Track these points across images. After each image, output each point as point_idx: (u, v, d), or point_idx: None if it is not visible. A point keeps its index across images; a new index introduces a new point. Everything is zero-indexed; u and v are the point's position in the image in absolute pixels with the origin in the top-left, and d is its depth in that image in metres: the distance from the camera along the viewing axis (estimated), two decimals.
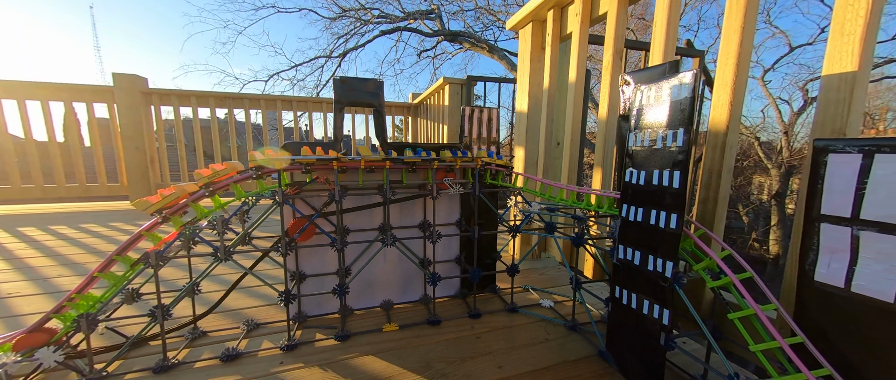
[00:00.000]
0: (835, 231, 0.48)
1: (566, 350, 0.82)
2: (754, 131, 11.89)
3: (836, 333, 0.49)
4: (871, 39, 0.50)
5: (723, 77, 0.69)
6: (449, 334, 0.89)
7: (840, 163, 0.47)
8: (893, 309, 0.44)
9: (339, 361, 0.78)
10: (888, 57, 10.06)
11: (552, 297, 1.11)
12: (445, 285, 1.10)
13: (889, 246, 0.44)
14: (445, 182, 0.95)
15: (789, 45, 10.88)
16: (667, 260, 0.63)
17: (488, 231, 1.05)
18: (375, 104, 0.96)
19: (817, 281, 0.51)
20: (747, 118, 12.98)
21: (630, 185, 0.71)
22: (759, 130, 12.53)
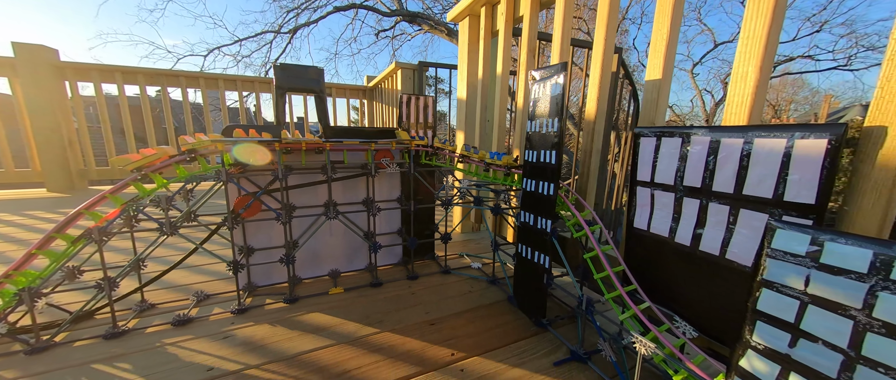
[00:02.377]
0: (642, 192, 0.70)
1: (484, 298, 1.01)
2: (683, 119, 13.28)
3: (644, 261, 0.71)
4: (671, 55, 0.70)
5: (593, 77, 0.88)
6: (389, 293, 1.04)
7: (645, 144, 0.68)
8: (668, 240, 0.66)
9: (287, 318, 0.89)
10: (789, 55, 11.62)
11: (482, 260, 1.30)
12: (389, 254, 1.23)
13: (667, 200, 0.65)
14: (383, 162, 1.07)
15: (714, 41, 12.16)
16: (547, 219, 0.82)
17: (424, 205, 1.19)
18: (317, 90, 1.04)
19: (634, 227, 0.72)
20: (679, 107, 14.40)
21: (527, 162, 0.89)
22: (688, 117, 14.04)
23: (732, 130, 0.55)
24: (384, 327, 0.85)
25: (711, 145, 0.57)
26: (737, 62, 0.57)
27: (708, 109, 12.38)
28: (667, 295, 0.68)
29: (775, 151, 0.50)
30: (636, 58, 11.82)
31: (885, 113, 0.43)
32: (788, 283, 0.41)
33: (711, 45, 11.53)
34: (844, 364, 0.36)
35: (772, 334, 0.42)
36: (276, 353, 0.75)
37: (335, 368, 0.71)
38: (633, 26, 11.67)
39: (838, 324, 0.37)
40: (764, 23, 0.53)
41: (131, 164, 0.76)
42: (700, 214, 0.60)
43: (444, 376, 0.69)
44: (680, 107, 12.65)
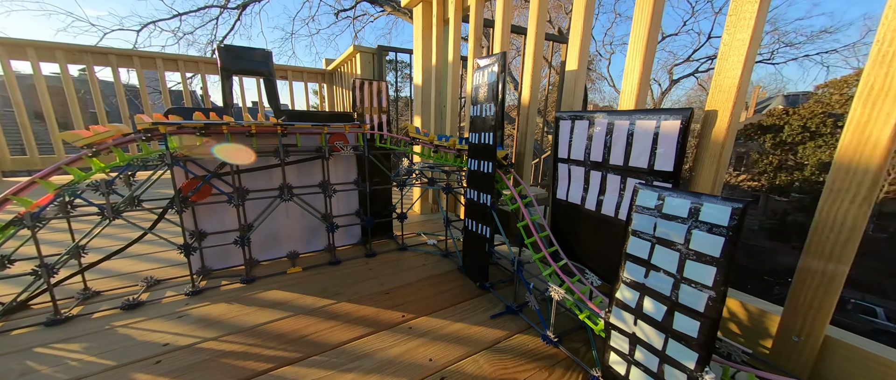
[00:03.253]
0: (562, 167, 0.82)
1: (436, 269, 1.11)
2: None
3: (564, 226, 0.84)
4: (585, 50, 0.82)
5: (527, 65, 0.98)
6: (346, 270, 1.10)
7: (563, 126, 0.79)
8: (580, 207, 0.78)
9: (244, 296, 0.92)
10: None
11: (437, 237, 1.40)
12: (347, 235, 1.29)
13: (579, 173, 0.78)
14: (337, 145, 1.10)
15: (661, 33, 13.09)
16: (488, 194, 0.92)
17: (381, 186, 1.25)
18: (265, 73, 1.04)
19: (556, 197, 0.85)
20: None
21: (471, 144, 0.98)
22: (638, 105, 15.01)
23: (622, 114, 0.67)
24: (341, 299, 0.92)
25: (609, 127, 0.70)
26: (627, 59, 0.69)
27: (655, 98, 13.38)
28: (580, 252, 0.82)
29: (649, 131, 0.62)
30: (594, 47, 12.40)
31: (716, 101, 0.57)
32: (644, 229, 0.53)
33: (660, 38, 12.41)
34: (674, 285, 0.50)
35: (634, 270, 0.55)
36: (233, 326, 0.79)
37: (293, 334, 0.77)
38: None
39: (671, 256, 0.50)
40: (645, 28, 0.65)
41: (82, 139, 0.73)
42: (602, 183, 0.73)
43: (393, 333, 0.78)
44: None
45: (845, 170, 0.45)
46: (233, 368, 0.66)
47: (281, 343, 0.73)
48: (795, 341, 0.52)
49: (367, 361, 0.69)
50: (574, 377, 0.65)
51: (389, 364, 0.68)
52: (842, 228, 0.46)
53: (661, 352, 0.52)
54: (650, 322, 0.53)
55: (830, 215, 0.47)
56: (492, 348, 0.73)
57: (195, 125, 0.88)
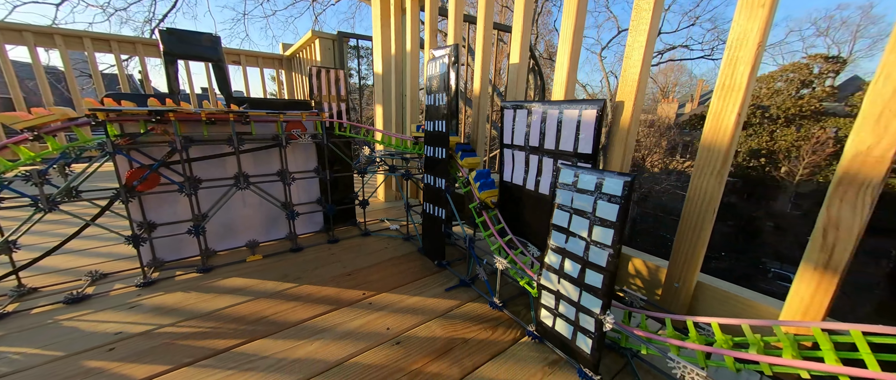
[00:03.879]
0: (507, 152, 0.90)
1: (397, 252, 1.17)
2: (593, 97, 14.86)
3: (510, 205, 0.94)
4: (526, 44, 0.90)
5: (477, 56, 1.05)
6: (308, 256, 1.13)
7: (507, 115, 0.87)
8: (522, 187, 0.88)
9: (201, 284, 0.92)
10: (671, 44, 13.68)
11: (400, 223, 1.45)
12: (309, 222, 1.30)
13: (520, 157, 0.86)
14: (294, 133, 1.11)
15: (618, 27, 13.73)
16: (442, 178, 0.99)
17: (342, 174, 1.28)
18: (214, 59, 1.01)
19: (503, 180, 0.94)
20: (591, 87, 16.09)
21: (427, 132, 1.04)
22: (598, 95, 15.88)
23: (553, 104, 0.76)
24: (302, 282, 0.95)
25: (542, 115, 0.79)
26: (557, 53, 0.78)
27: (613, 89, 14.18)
28: (523, 228, 0.92)
29: (573, 119, 0.72)
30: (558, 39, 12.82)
31: (623, 93, 0.67)
32: (565, 202, 0.63)
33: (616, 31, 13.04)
34: (585, 247, 0.60)
35: (558, 237, 0.65)
36: (190, 312, 0.80)
37: (252, 316, 0.79)
38: (556, 8, 12.50)
39: (583, 223, 0.60)
40: (571, 25, 0.73)
41: (22, 122, 0.69)
42: (539, 166, 0.83)
43: (354, 309, 0.83)
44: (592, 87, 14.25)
45: (707, 150, 0.57)
46: (192, 348, 0.68)
47: (241, 325, 0.76)
48: (676, 287, 0.65)
49: (328, 333, 0.74)
50: (513, 333, 0.75)
51: (349, 334, 0.73)
52: (704, 197, 0.58)
53: (577, 303, 0.62)
54: (569, 279, 0.63)
55: (697, 188, 0.59)
56: (444, 316, 0.81)
57: (138, 113, 0.84)
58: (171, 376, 0.62)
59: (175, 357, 0.66)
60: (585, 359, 0.62)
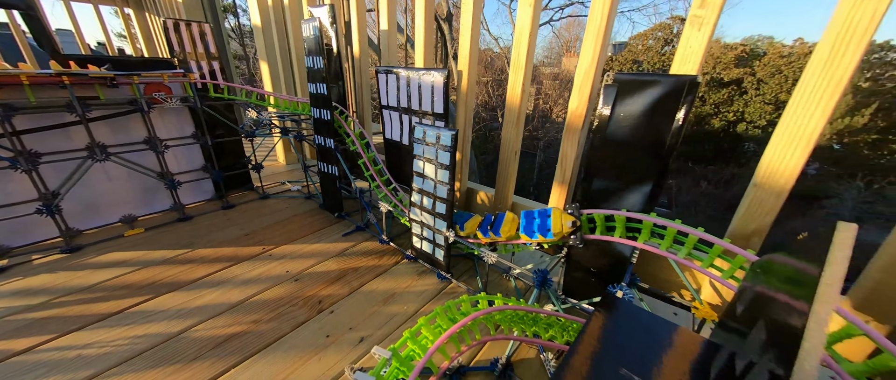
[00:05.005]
0: (385, 112, 1.03)
1: (299, 210, 1.25)
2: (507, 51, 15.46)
3: (392, 158, 1.10)
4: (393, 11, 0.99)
5: (353, 22, 1.10)
6: (200, 223, 1.13)
7: (381, 79, 0.99)
8: (399, 142, 1.04)
9: (71, 264, 0.88)
10: (570, 1, 14.60)
11: (302, 184, 1.50)
12: (198, 191, 1.26)
13: (395, 116, 1.01)
14: (158, 97, 1.02)
15: None
16: (331, 138, 1.08)
17: (227, 139, 1.24)
18: (21, 6, 0.84)
19: (385, 138, 1.08)
20: (502, 39, 16.50)
21: (311, 93, 1.09)
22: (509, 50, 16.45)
23: (415, 70, 0.90)
24: (196, 247, 0.98)
25: (408, 80, 0.93)
26: (415, 26, 0.91)
27: None
28: (403, 177, 1.10)
29: (428, 83, 0.88)
30: None
31: (462, 64, 0.85)
32: (419, 153, 0.81)
33: None
34: (433, 186, 0.80)
35: (418, 180, 0.83)
36: (65, 289, 0.79)
37: (144, 282, 0.82)
38: None
39: (431, 168, 0.79)
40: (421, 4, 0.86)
41: None
42: (409, 124, 0.99)
43: (253, 262, 0.92)
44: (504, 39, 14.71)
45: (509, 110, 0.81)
46: (78, 317, 0.70)
47: (132, 291, 0.79)
48: (499, 207, 0.93)
49: (229, 283, 0.83)
50: (396, 259, 0.96)
51: (250, 281, 0.84)
52: (509, 143, 0.84)
53: (432, 227, 0.84)
54: (426, 211, 0.84)
55: (505, 136, 0.84)
56: (340, 255, 0.97)
57: None
58: (59, 342, 0.65)
59: (59, 326, 0.68)
60: (441, 265, 0.87)
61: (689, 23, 0.51)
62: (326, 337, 0.68)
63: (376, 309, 0.76)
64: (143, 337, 0.66)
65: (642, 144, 0.59)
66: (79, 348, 0.63)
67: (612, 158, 0.63)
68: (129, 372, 0.59)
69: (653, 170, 0.59)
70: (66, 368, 0.59)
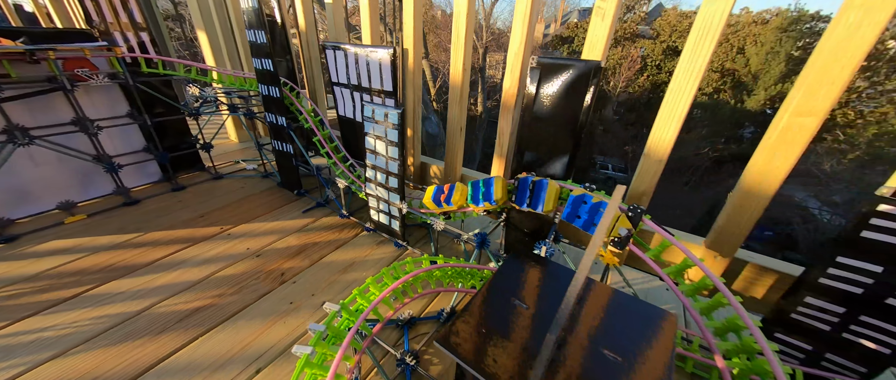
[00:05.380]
0: (336, 90, 1.04)
1: (256, 189, 1.25)
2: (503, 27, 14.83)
3: (347, 135, 1.12)
4: None
5: None
6: (149, 206, 1.10)
7: (329, 55, 0.98)
8: (352, 119, 1.06)
9: (9, 254, 0.85)
10: None
11: (258, 162, 1.47)
12: (142, 173, 1.20)
13: (346, 93, 1.02)
14: (81, 73, 0.95)
15: None
16: (281, 116, 1.07)
17: (168, 117, 1.18)
18: None
19: (339, 114, 1.09)
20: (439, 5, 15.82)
21: (257, 69, 1.05)
22: None
23: (364, 47, 0.91)
24: (147, 231, 0.97)
25: (356, 57, 0.93)
26: (360, 3, 0.90)
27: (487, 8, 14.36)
28: (359, 153, 1.13)
29: (377, 60, 0.89)
30: None
31: (406, 43, 0.88)
32: (369, 130, 0.85)
33: None
34: (385, 161, 0.85)
35: (370, 157, 0.88)
36: (8, 279, 0.77)
37: (95, 267, 0.82)
38: None
39: (383, 145, 0.84)
40: None
41: None
42: (361, 101, 1.01)
43: (211, 241, 0.94)
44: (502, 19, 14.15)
45: (452, 88, 0.86)
46: (28, 305, 0.70)
47: (82, 277, 0.79)
48: (450, 178, 1.01)
49: (187, 263, 0.85)
50: (355, 231, 1.02)
51: (209, 260, 0.87)
52: (454, 119, 0.90)
53: (386, 200, 0.91)
54: (380, 185, 0.90)
55: (450, 114, 0.90)
56: (301, 230, 1.01)
57: None
58: (13, 328, 0.65)
59: (9, 315, 0.68)
60: (397, 234, 0.95)
61: (594, 13, 0.58)
62: (290, 304, 0.74)
63: (336, 277, 0.83)
64: (104, 318, 0.69)
65: (561, 121, 0.68)
66: (35, 332, 0.64)
67: (539, 134, 0.72)
68: (95, 348, 0.62)
69: (570, 144, 0.69)
70: (24, 351, 0.61)
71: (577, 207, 0.60)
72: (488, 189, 0.78)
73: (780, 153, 0.53)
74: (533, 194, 0.64)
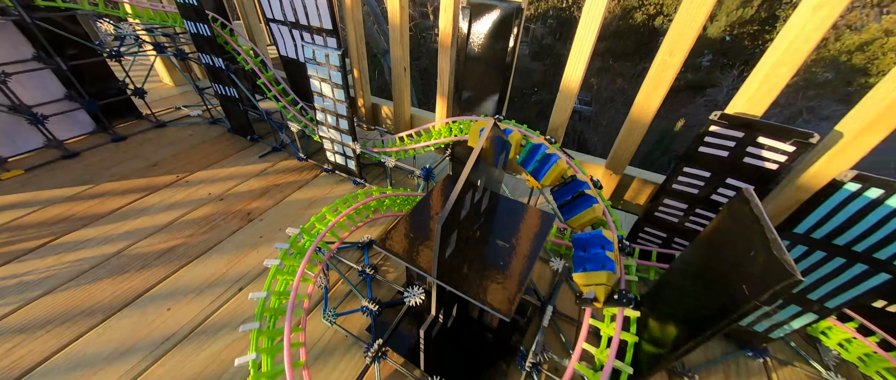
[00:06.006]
0: (273, 26, 0.99)
1: (206, 136, 1.23)
2: None
3: (293, 76, 1.10)
4: None
5: None
6: (93, 158, 1.07)
7: None
8: (295, 60, 1.04)
9: None
10: None
11: (202, 108, 1.40)
12: (73, 124, 1.13)
13: (285, 31, 0.98)
14: None
15: None
16: (217, 57, 1.02)
17: (85, 60, 1.07)
18: None
19: (280, 54, 1.06)
20: None
21: (179, 4, 0.96)
22: None
23: None
24: (100, 181, 0.97)
25: None
26: None
27: None
28: (309, 95, 1.13)
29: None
30: None
31: None
32: (313, 72, 0.86)
33: None
34: (332, 104, 0.89)
35: (318, 100, 0.91)
36: None
37: (52, 220, 0.84)
38: None
39: (328, 87, 0.86)
40: None
41: None
42: (301, 39, 0.98)
43: (171, 189, 0.97)
44: None
45: (392, 27, 0.87)
46: None
47: (41, 229, 0.82)
48: (399, 118, 1.07)
49: (150, 210, 0.89)
50: (315, 172, 1.09)
51: (172, 206, 0.91)
52: (398, 60, 0.93)
53: (339, 142, 0.96)
54: (331, 127, 0.94)
55: (393, 54, 0.92)
56: (260, 175, 1.06)
57: None
58: None
59: None
60: (354, 173, 1.03)
61: None
62: (260, 237, 0.84)
63: (301, 213, 0.92)
64: (80, 261, 0.75)
65: (491, 60, 0.74)
66: (15, 277, 0.70)
67: (472, 73, 0.78)
68: (82, 284, 0.69)
69: (498, 82, 0.77)
70: (12, 292, 0.67)
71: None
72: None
73: (657, 89, 0.65)
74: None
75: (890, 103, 0.53)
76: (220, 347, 0.60)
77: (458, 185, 0.36)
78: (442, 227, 0.34)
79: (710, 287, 0.39)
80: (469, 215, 0.44)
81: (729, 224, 0.39)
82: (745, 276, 0.33)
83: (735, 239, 0.37)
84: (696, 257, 0.45)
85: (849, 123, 0.58)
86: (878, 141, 0.56)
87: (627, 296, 0.49)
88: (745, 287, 0.32)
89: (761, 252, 0.31)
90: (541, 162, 0.65)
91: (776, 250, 0.30)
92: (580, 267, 0.52)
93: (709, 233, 0.43)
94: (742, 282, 0.33)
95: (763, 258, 0.31)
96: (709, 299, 0.38)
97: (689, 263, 0.47)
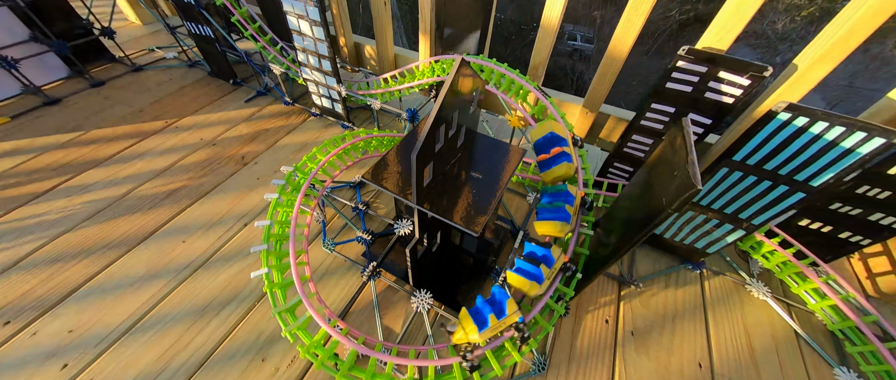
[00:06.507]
0: None
1: (186, 80, 1.20)
2: None
3: (273, 14, 1.05)
4: None
5: None
6: (75, 104, 1.06)
7: None
8: None
9: None
10: None
11: (178, 49, 1.34)
12: (46, 69, 1.09)
13: None
14: None
15: None
16: (204, 25, 0.96)
17: None
18: None
19: None
20: None
21: None
22: None
23: None
24: (89, 128, 0.98)
25: None
26: None
27: None
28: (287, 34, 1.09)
29: None
30: None
31: None
32: (289, 9, 0.83)
33: None
34: (314, 43, 0.87)
35: (297, 40, 0.88)
36: None
37: (52, 166, 0.88)
38: None
39: (304, 22, 0.84)
40: None
41: None
42: None
43: (162, 135, 0.99)
44: None
45: None
46: (7, 199, 0.79)
47: (45, 174, 0.85)
48: (383, 59, 1.05)
49: (147, 155, 0.93)
50: (303, 117, 1.10)
51: (167, 151, 0.94)
52: (378, 6, 0.88)
53: (323, 84, 0.96)
54: (314, 69, 0.94)
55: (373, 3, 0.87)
56: (248, 119, 1.07)
57: None
58: (9, 217, 0.76)
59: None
60: (342, 116, 1.05)
61: None
62: (257, 179, 0.89)
63: (293, 156, 0.96)
64: (92, 202, 0.80)
65: None
66: (36, 217, 0.76)
67: (455, 10, 0.77)
68: (101, 222, 0.76)
69: (480, 19, 0.76)
70: (35, 230, 0.74)
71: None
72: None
73: (631, 23, 0.66)
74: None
75: (851, 28, 0.55)
76: (236, 270, 0.69)
77: (428, 120, 0.41)
78: (416, 157, 0.40)
79: (642, 202, 0.47)
80: (444, 150, 0.49)
81: (667, 150, 0.45)
82: (666, 191, 0.40)
83: (669, 162, 0.43)
84: (640, 180, 0.52)
85: (804, 57, 0.61)
86: (826, 73, 0.60)
87: (571, 268, 0.57)
88: (664, 199, 0.39)
89: (682, 171, 0.38)
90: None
91: (690, 167, 0.36)
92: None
93: (652, 159, 0.49)
94: (663, 196, 0.40)
95: (681, 175, 0.37)
96: (639, 211, 0.46)
97: (634, 185, 0.54)
